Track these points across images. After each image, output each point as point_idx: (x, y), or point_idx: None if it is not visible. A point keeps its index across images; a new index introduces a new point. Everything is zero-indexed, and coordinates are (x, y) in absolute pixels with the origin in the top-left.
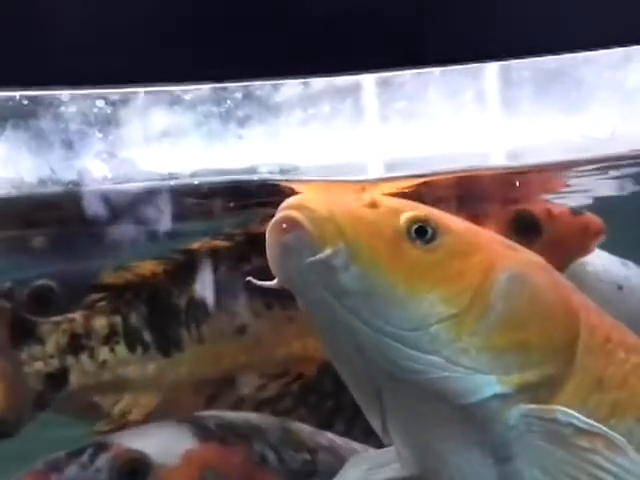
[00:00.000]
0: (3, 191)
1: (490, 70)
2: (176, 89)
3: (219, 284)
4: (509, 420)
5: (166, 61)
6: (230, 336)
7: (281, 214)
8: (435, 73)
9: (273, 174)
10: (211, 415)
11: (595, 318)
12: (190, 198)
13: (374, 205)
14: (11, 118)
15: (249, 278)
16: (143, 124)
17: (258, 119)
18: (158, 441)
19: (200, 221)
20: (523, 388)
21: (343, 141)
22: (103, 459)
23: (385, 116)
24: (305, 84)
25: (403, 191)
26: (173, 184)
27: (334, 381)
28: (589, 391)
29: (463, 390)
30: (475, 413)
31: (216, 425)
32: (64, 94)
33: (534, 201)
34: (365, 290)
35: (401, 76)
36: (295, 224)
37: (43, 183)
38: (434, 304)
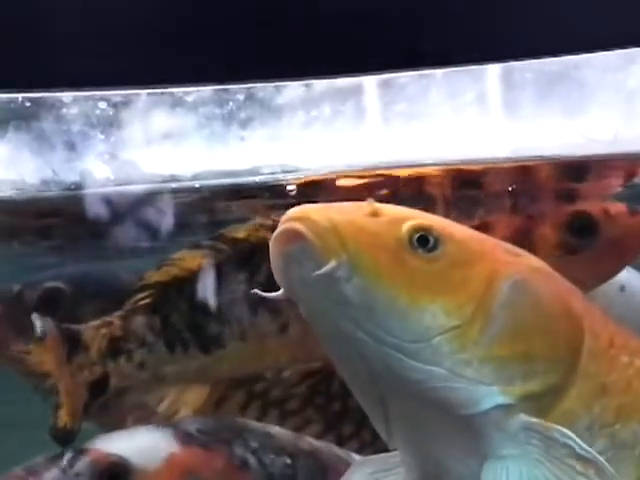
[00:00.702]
0: (6, 193)
1: (492, 72)
2: (178, 91)
3: (262, 280)
4: (510, 430)
5: (168, 63)
6: (272, 334)
7: (284, 226)
8: (437, 75)
9: (275, 175)
10: (192, 420)
11: (598, 323)
12: (192, 199)
13: (375, 214)
14: (13, 120)
15: (255, 290)
16: (145, 126)
17: (260, 121)
18: (139, 445)
19: (202, 222)
20: (526, 398)
21: (345, 143)
22: (83, 463)
23: (387, 118)
24: (307, 86)
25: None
26: (175, 186)
27: (342, 382)
28: (593, 397)
29: (465, 401)
30: (477, 423)
31: (197, 430)
32: (66, 96)
33: (591, 200)
34: (367, 301)
35: (403, 78)
36: (298, 237)
37: (45, 184)
38: (436, 316)
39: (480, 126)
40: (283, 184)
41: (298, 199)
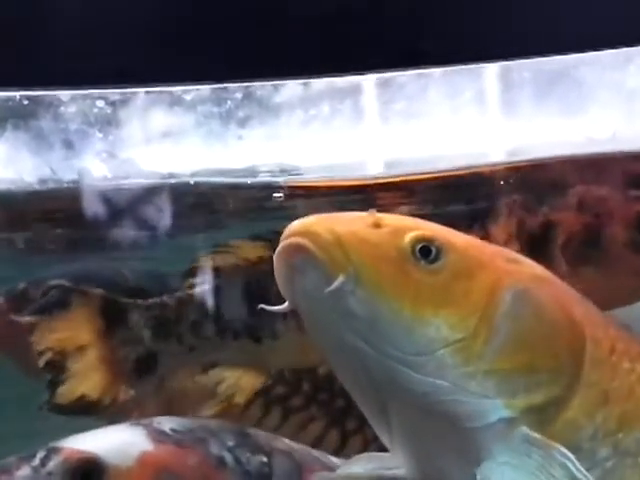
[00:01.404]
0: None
1: (490, 71)
2: (176, 89)
3: None
4: (512, 442)
5: (166, 61)
6: None
7: (287, 242)
8: (435, 74)
9: (273, 174)
10: (166, 419)
11: (599, 329)
12: (190, 198)
13: (377, 225)
14: (11, 118)
15: (262, 305)
16: (143, 124)
17: (258, 119)
18: (111, 443)
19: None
20: (529, 410)
21: (343, 142)
22: (55, 462)
23: (385, 117)
24: (305, 85)
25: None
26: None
27: None
28: (596, 406)
29: (469, 414)
30: (479, 435)
31: (171, 429)
32: (64, 94)
33: None
34: (371, 314)
35: (401, 77)
36: (302, 251)
37: (43, 183)
38: (440, 329)
39: (478, 125)
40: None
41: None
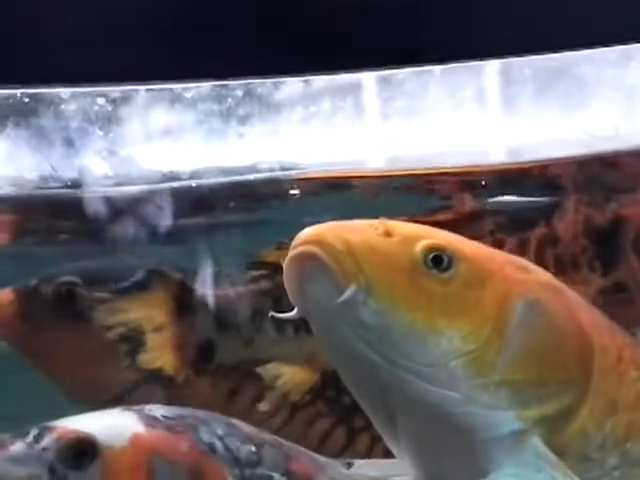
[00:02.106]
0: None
1: (491, 68)
2: (177, 87)
3: None
4: (522, 454)
5: (167, 59)
6: None
7: (299, 250)
8: (435, 71)
9: (274, 172)
10: (157, 407)
11: (606, 337)
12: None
13: (389, 234)
14: (12, 116)
15: (272, 313)
16: (144, 122)
17: (259, 117)
18: (104, 425)
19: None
20: (541, 421)
21: (344, 139)
22: (49, 439)
23: (386, 114)
24: (306, 82)
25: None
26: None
27: None
28: (604, 415)
29: (481, 426)
30: (490, 446)
31: (162, 415)
32: (65, 92)
33: None
34: (383, 324)
35: (402, 74)
36: (315, 260)
37: (44, 180)
38: (452, 340)
39: (479, 122)
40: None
41: None
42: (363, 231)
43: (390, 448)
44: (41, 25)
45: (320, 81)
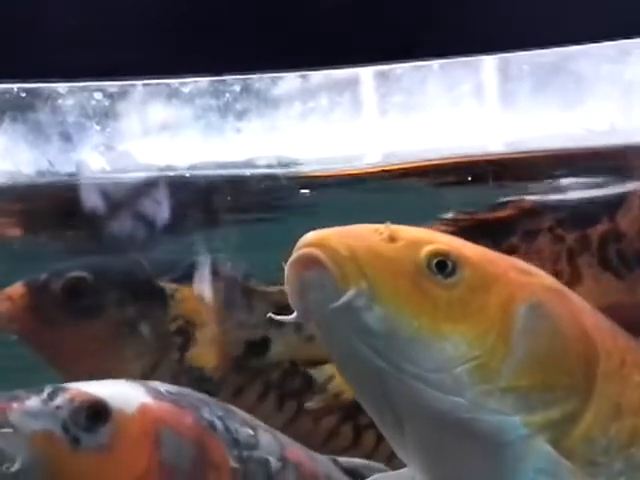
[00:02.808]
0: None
1: (488, 63)
2: (174, 82)
3: None
4: (529, 459)
5: (164, 54)
6: None
7: (301, 252)
8: (433, 66)
9: (272, 167)
10: (158, 383)
11: (609, 340)
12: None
13: (393, 239)
14: (9, 111)
15: (270, 314)
16: (141, 117)
17: (256, 112)
18: (114, 391)
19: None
20: (547, 426)
21: (342, 134)
22: (63, 398)
23: (383, 109)
24: (304, 77)
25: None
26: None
27: None
28: (608, 419)
29: (487, 433)
30: (497, 452)
31: (166, 391)
32: (62, 87)
33: None
34: (388, 331)
35: (399, 69)
36: (316, 264)
37: (41, 175)
38: (457, 346)
39: (477, 117)
40: None
41: None
42: (367, 236)
43: (397, 454)
44: (38, 20)
45: (318, 76)
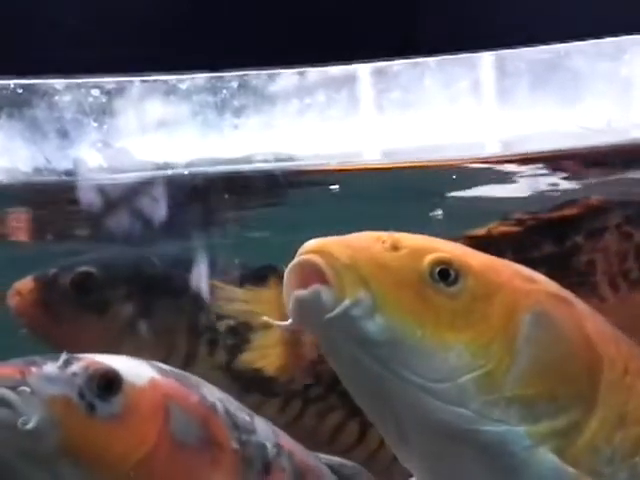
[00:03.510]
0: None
1: (485, 60)
2: (172, 78)
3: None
4: (535, 469)
5: (162, 50)
6: None
7: (301, 258)
8: (430, 63)
9: (269, 163)
10: (159, 363)
11: (613, 347)
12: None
13: (396, 247)
14: (6, 107)
15: (265, 317)
16: (138, 113)
17: (254, 109)
18: (125, 364)
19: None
20: (552, 436)
21: (339, 131)
22: (78, 366)
23: (381, 106)
24: (301, 74)
25: None
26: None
27: None
28: (612, 428)
29: (492, 443)
30: (502, 462)
31: (169, 369)
32: (59, 83)
33: None
34: (391, 340)
35: (397, 66)
36: (315, 270)
37: (38, 172)
38: (462, 355)
39: (474, 114)
40: None
41: None
42: (369, 244)
43: (402, 463)
44: (36, 16)
45: (315, 73)
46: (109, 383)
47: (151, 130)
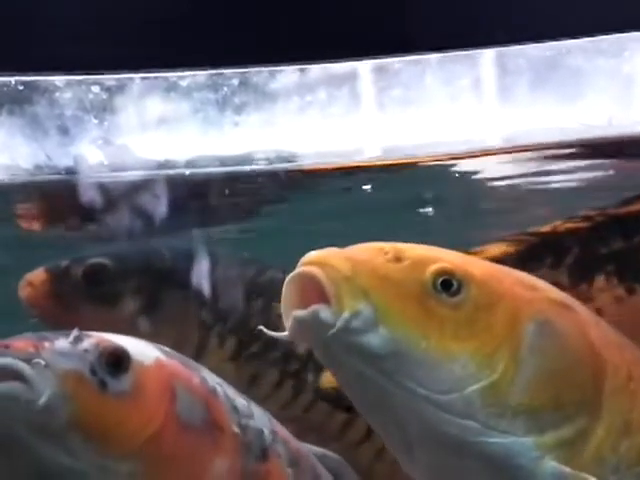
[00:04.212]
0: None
1: (486, 58)
2: (172, 75)
3: (573, 267)
4: (542, 476)
5: (162, 47)
6: None
7: (301, 270)
8: (431, 60)
9: (270, 161)
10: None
11: (616, 354)
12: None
13: (398, 258)
14: (6, 104)
15: (261, 327)
16: (139, 110)
17: (255, 106)
18: (132, 343)
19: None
20: (558, 446)
21: (340, 128)
22: (89, 343)
23: (382, 103)
24: (302, 71)
25: None
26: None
27: None
28: (618, 436)
29: (499, 455)
30: (509, 474)
31: (172, 352)
32: (59, 80)
33: None
34: (395, 352)
35: (398, 63)
36: (314, 283)
37: (39, 169)
38: (467, 366)
39: (475, 111)
40: None
41: None
42: (371, 256)
43: (408, 474)
44: (36, 13)
45: (316, 70)
46: (118, 360)
47: (152, 127)
